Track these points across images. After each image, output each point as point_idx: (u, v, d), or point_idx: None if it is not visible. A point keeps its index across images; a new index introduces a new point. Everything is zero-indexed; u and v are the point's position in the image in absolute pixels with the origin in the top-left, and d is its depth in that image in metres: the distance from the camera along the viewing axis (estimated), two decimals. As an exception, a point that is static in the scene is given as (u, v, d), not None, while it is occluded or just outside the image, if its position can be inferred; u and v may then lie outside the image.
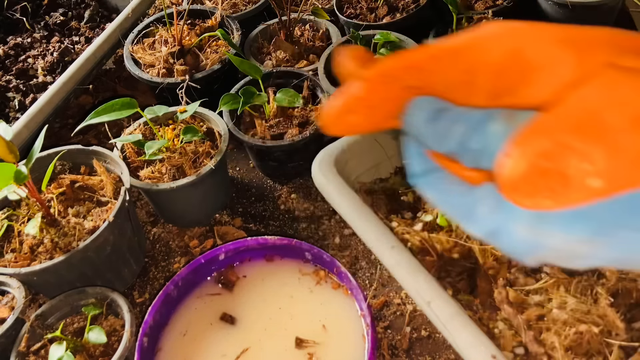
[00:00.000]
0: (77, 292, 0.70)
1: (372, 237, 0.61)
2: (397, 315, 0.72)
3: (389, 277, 0.77)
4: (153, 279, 0.81)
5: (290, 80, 0.93)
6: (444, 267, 0.65)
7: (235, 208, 0.90)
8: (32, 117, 0.88)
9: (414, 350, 0.68)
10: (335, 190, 0.66)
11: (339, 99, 0.30)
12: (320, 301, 0.67)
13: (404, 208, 0.73)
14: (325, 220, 0.86)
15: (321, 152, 0.71)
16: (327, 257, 0.67)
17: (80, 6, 1.25)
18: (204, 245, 0.84)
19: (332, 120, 0.31)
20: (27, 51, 1.12)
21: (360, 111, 0.30)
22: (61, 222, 0.72)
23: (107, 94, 1.14)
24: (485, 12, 1.01)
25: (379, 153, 0.74)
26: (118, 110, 0.74)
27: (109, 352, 0.65)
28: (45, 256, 0.69)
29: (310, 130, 0.83)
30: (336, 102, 0.30)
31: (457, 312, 0.53)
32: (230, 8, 1.14)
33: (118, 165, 0.77)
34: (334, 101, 0.31)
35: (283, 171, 0.91)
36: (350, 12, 1.07)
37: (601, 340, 0.55)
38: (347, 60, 0.31)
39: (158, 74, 0.96)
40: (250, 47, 1.04)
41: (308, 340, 0.64)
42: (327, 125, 0.31)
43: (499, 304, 0.60)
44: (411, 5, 1.04)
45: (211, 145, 0.83)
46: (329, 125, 0.31)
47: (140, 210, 0.91)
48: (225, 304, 0.69)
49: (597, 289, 0.59)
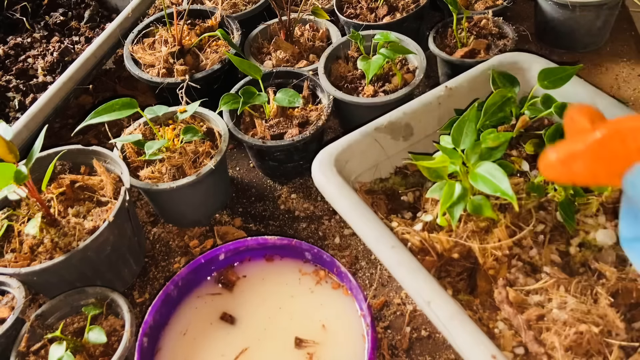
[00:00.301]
0: (77, 292, 0.70)
1: (372, 237, 0.61)
2: (397, 315, 0.72)
3: (389, 277, 0.77)
4: (153, 279, 0.81)
5: (290, 80, 0.94)
6: (444, 267, 0.65)
7: (235, 208, 0.90)
8: (32, 117, 0.88)
9: (414, 350, 0.68)
10: (335, 190, 0.66)
11: (567, 146, 0.32)
12: (320, 301, 0.67)
13: (404, 208, 0.73)
14: (325, 220, 0.86)
15: (321, 152, 0.71)
16: (327, 257, 0.67)
17: (80, 6, 1.25)
18: (204, 245, 0.84)
19: (556, 163, 0.33)
20: (27, 51, 1.12)
21: (585, 162, 0.32)
22: (61, 222, 0.72)
23: (107, 94, 1.15)
24: (485, 12, 1.01)
25: (379, 153, 0.74)
26: (118, 110, 0.74)
27: (109, 352, 0.65)
28: (45, 256, 0.69)
29: (310, 130, 0.83)
30: (564, 149, 0.32)
31: (457, 312, 0.53)
32: (230, 8, 1.14)
33: (118, 165, 0.77)
34: (561, 147, 0.33)
35: (283, 171, 0.91)
36: (350, 12, 1.07)
37: (601, 340, 0.55)
38: (579, 115, 0.34)
39: (158, 74, 0.96)
40: (250, 47, 1.04)
41: (307, 340, 0.64)
42: (550, 166, 0.33)
43: (499, 303, 0.60)
44: (411, 5, 1.04)
45: (211, 145, 0.83)
46: (551, 166, 0.33)
47: (140, 210, 0.91)
48: (225, 304, 0.69)
49: (597, 289, 0.59)
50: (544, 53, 1.08)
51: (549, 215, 0.66)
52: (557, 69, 0.67)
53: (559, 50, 1.08)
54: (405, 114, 0.74)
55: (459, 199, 0.60)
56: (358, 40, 0.91)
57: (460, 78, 0.78)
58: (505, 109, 0.68)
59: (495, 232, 0.64)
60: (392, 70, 0.92)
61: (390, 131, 0.74)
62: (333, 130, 1.01)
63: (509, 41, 0.95)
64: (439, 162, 0.61)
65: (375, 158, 0.74)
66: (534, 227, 0.65)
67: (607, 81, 1.01)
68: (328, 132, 1.00)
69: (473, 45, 0.94)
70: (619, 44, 1.08)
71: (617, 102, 0.70)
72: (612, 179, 0.32)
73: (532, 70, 0.77)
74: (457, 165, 0.61)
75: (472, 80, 0.78)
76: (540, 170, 0.34)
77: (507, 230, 0.64)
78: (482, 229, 0.64)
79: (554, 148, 0.35)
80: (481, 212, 0.60)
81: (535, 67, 0.76)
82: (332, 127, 1.01)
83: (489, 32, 0.98)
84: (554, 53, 1.08)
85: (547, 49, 1.09)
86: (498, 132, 0.62)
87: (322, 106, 0.89)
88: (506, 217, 0.65)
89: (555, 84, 0.67)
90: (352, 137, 0.72)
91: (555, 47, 1.09)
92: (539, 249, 0.63)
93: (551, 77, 0.67)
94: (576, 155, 0.32)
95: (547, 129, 0.66)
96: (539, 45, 1.11)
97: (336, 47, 0.96)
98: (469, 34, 0.97)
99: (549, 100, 0.68)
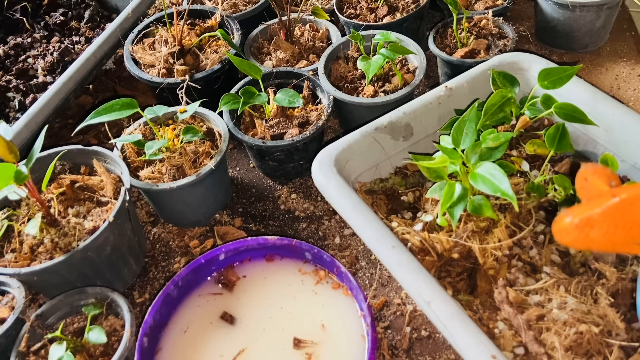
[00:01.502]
0: (77, 292, 0.70)
1: (372, 237, 0.61)
2: (397, 315, 0.72)
3: (389, 277, 0.77)
4: (153, 279, 0.81)
5: (290, 80, 0.94)
6: (444, 267, 0.65)
7: (235, 208, 0.90)
8: (32, 117, 0.88)
9: (414, 350, 0.68)
10: (335, 190, 0.66)
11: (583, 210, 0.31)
12: (320, 301, 0.67)
13: (404, 208, 0.73)
14: (325, 220, 0.86)
15: (321, 152, 0.71)
16: (327, 257, 0.67)
17: (80, 6, 1.25)
18: (204, 246, 0.84)
19: (571, 228, 0.31)
20: (27, 51, 1.12)
21: (603, 228, 0.30)
22: (61, 222, 0.72)
23: (107, 94, 1.15)
24: (485, 12, 1.01)
25: (379, 153, 0.74)
26: (118, 110, 0.74)
27: (109, 352, 0.65)
28: (45, 256, 0.69)
29: (310, 130, 0.83)
30: (580, 213, 0.31)
31: (457, 312, 0.53)
32: (230, 8, 1.14)
33: (118, 165, 0.77)
34: (577, 211, 0.31)
35: (283, 171, 0.91)
36: (351, 12, 1.07)
37: (601, 341, 0.55)
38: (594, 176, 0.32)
39: (158, 74, 0.96)
40: (250, 47, 1.04)
41: (306, 340, 0.64)
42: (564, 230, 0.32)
43: (499, 304, 0.60)
44: (411, 5, 1.03)
45: (211, 145, 0.83)
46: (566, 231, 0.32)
47: (140, 211, 0.91)
48: (225, 304, 0.69)
49: (597, 289, 0.59)
50: (544, 53, 1.08)
51: (549, 215, 0.66)
52: (557, 69, 0.67)
53: (559, 50, 1.08)
54: (405, 114, 0.74)
55: (459, 199, 0.60)
56: (358, 40, 0.91)
57: (461, 78, 0.78)
58: (505, 109, 0.68)
59: (495, 232, 0.64)
60: (392, 70, 0.92)
61: (390, 131, 0.74)
62: (333, 130, 1.01)
63: (509, 41, 0.95)
64: (439, 162, 0.61)
65: (375, 158, 0.74)
66: (534, 227, 0.65)
67: (607, 81, 1.01)
68: (328, 132, 1.00)
69: (473, 46, 0.94)
70: (619, 44, 1.08)
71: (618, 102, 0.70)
72: (631, 247, 0.31)
73: (532, 70, 0.77)
74: (457, 166, 0.61)
75: (472, 80, 0.78)
76: (554, 234, 0.32)
77: (507, 231, 0.64)
78: (482, 229, 0.64)
79: (569, 211, 0.34)
80: (481, 212, 0.60)
81: (535, 67, 0.76)
82: (332, 127, 1.01)
83: (489, 32, 0.98)
84: (554, 53, 1.08)
85: (547, 49, 1.09)
86: (498, 132, 0.62)
87: (322, 106, 0.89)
88: (506, 217, 0.65)
89: (555, 84, 0.67)
90: (352, 137, 0.72)
91: (555, 47, 1.09)
92: (539, 249, 0.63)
93: (551, 77, 0.67)
94: (593, 221, 0.30)
95: (548, 129, 0.66)
96: (539, 45, 1.11)
97: (336, 47, 0.96)
98: (469, 34, 0.97)
99: (549, 101, 0.68)
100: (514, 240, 0.63)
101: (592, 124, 0.66)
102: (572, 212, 0.31)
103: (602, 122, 0.69)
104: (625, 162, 0.69)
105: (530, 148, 0.70)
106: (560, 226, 0.32)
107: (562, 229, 0.32)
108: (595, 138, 0.72)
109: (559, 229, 0.32)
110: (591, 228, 0.31)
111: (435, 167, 0.62)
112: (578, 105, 0.66)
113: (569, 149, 0.66)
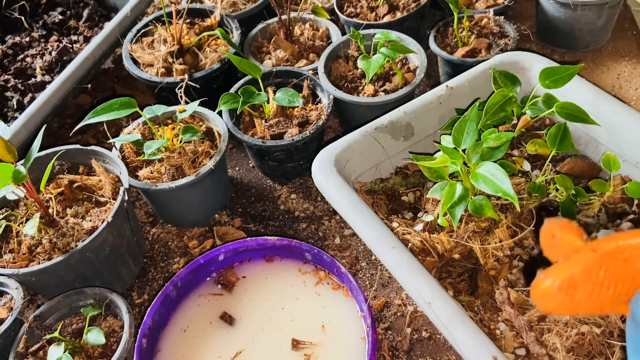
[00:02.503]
0: (76, 292, 0.69)
1: (373, 237, 0.61)
2: (397, 316, 0.72)
3: (390, 278, 0.76)
4: (152, 280, 0.81)
5: (290, 79, 0.93)
6: (444, 267, 0.65)
7: (234, 208, 0.89)
8: (30, 117, 0.88)
9: (414, 351, 0.68)
10: (335, 190, 0.66)
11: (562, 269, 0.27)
12: (320, 301, 0.67)
13: (405, 208, 0.73)
14: (325, 220, 0.85)
15: (321, 152, 0.70)
16: (327, 258, 0.67)
17: (79, 5, 1.25)
18: (204, 246, 0.84)
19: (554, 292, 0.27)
20: (26, 50, 1.12)
21: (588, 288, 0.27)
22: (60, 223, 0.71)
23: (105, 93, 1.14)
24: (486, 11, 1.00)
25: (379, 153, 0.74)
26: (117, 109, 0.74)
27: (107, 353, 0.65)
28: (44, 257, 0.68)
29: (310, 129, 0.83)
30: (560, 273, 0.27)
31: (458, 312, 0.53)
32: (230, 7, 1.13)
33: (117, 165, 0.77)
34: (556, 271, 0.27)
35: (283, 171, 0.90)
36: (351, 11, 1.07)
37: (603, 341, 0.55)
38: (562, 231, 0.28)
39: (157, 73, 0.95)
40: (249, 46, 1.04)
41: (305, 341, 0.63)
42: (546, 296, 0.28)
43: (501, 304, 0.59)
44: (412, 4, 1.03)
45: (210, 145, 0.83)
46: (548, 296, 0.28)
47: (139, 211, 0.90)
48: (225, 304, 0.69)
49: (599, 290, 0.58)
50: (545, 52, 1.08)
51: (550, 215, 0.66)
52: (559, 68, 0.67)
53: (560, 49, 1.08)
54: (405, 113, 0.74)
55: (460, 199, 0.59)
56: (358, 39, 0.91)
57: (461, 77, 0.78)
58: (506, 109, 0.67)
59: (496, 232, 0.63)
60: (392, 69, 0.92)
61: (390, 131, 0.74)
62: (333, 130, 1.00)
63: (510, 40, 0.95)
64: (440, 162, 0.61)
65: (375, 158, 0.74)
66: (535, 227, 0.65)
67: (609, 80, 1.00)
68: (328, 132, 1.00)
69: (474, 45, 0.94)
70: (620, 43, 1.08)
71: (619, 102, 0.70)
72: (618, 306, 0.28)
73: (533, 69, 0.76)
74: (458, 165, 0.60)
75: (473, 79, 0.77)
76: (535, 300, 0.28)
77: (508, 231, 0.63)
78: (483, 229, 0.64)
79: (547, 273, 0.29)
80: (482, 212, 0.59)
81: (536, 67, 0.75)
82: (332, 127, 1.01)
83: (490, 31, 0.97)
84: (555, 52, 1.08)
85: (549, 48, 1.09)
86: (499, 132, 0.62)
87: (322, 106, 0.89)
88: (507, 217, 0.64)
89: (556, 84, 0.67)
90: (353, 137, 0.72)
91: (557, 46, 1.08)
92: (540, 250, 0.63)
93: (552, 76, 0.67)
94: (576, 281, 0.27)
95: (549, 129, 0.66)
96: (540, 44, 1.10)
97: (336, 47, 0.96)
98: (470, 33, 0.97)
99: (550, 100, 0.68)
100: (515, 240, 0.63)
101: (594, 124, 0.65)
102: (551, 274, 0.28)
103: (603, 121, 0.69)
104: (627, 161, 0.68)
105: (531, 148, 0.69)
106: (540, 291, 0.28)
107: (543, 294, 0.28)
108: (597, 138, 0.71)
109: (540, 294, 0.28)
110: (575, 289, 0.27)
111: (436, 167, 0.62)
112: (580, 105, 0.65)
113: (570, 148, 0.66)
